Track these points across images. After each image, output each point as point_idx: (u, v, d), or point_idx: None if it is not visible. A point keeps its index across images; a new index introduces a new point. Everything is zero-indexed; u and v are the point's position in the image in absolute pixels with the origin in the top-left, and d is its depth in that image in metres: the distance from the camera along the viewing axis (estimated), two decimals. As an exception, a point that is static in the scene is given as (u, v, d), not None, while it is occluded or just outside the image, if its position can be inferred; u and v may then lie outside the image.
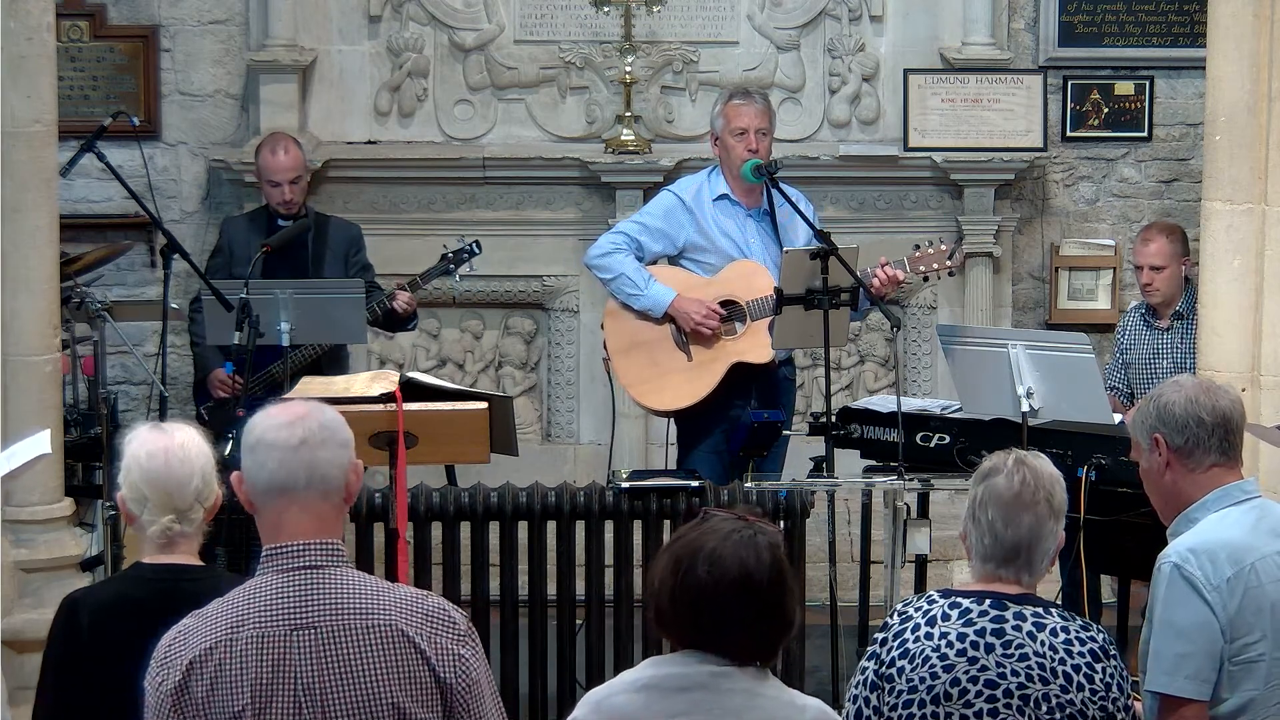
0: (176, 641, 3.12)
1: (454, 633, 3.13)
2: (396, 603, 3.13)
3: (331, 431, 3.17)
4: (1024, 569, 3.53)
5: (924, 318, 7.98)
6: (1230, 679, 3.64)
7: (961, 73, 7.87)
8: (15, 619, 5.86)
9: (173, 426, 3.66)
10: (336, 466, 3.16)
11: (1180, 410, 3.76)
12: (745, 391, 6.34)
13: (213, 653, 3.07)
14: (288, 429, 3.14)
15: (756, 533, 3.07)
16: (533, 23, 7.97)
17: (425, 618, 3.12)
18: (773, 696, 3.08)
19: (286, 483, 3.13)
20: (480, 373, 7.95)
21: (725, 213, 6.41)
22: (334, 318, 6.29)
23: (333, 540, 3.16)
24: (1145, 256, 6.86)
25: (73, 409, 6.63)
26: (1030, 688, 3.44)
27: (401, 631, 3.10)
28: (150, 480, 3.57)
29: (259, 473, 3.15)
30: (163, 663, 3.11)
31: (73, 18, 7.75)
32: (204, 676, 3.06)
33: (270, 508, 3.16)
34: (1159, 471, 3.80)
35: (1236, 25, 5.58)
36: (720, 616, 3.03)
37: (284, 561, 3.13)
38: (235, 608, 3.12)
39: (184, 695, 3.07)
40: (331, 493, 3.16)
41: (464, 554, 5.83)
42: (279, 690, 3.06)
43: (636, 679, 3.12)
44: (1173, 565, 3.66)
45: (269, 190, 6.99)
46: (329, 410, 3.21)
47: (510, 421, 5.82)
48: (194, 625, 3.13)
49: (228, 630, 3.09)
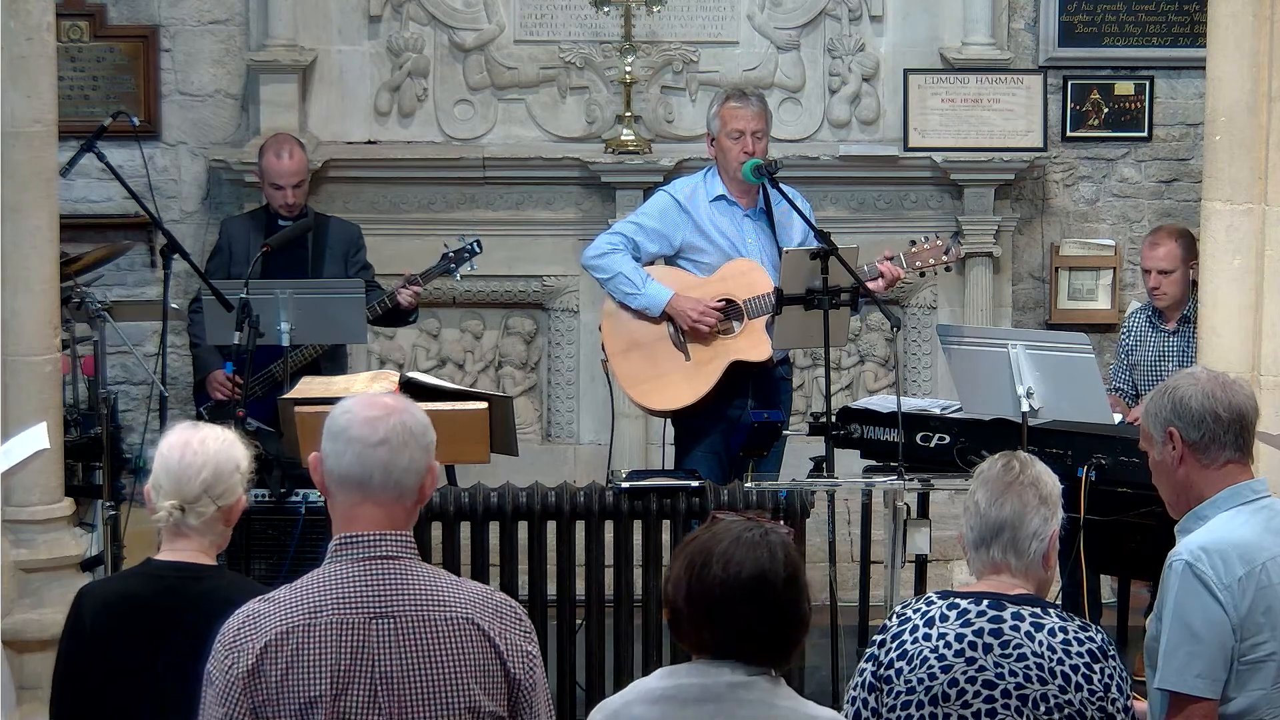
0: (247, 625, 3.10)
1: (522, 629, 3.17)
2: (470, 596, 3.15)
3: (414, 434, 3.16)
4: (1009, 549, 3.52)
5: (924, 318, 7.98)
6: (1238, 678, 3.64)
7: (961, 73, 7.87)
8: (15, 619, 5.86)
9: (210, 427, 3.69)
10: (413, 471, 3.16)
11: (1196, 405, 3.74)
12: (743, 391, 6.34)
13: (290, 636, 3.07)
14: (370, 425, 3.14)
15: (768, 533, 3.09)
16: (533, 23, 7.97)
17: (496, 613, 3.15)
18: (789, 707, 3.08)
19: (361, 478, 3.14)
20: (480, 373, 7.95)
21: (722, 213, 6.41)
22: (334, 318, 6.29)
23: (406, 533, 3.17)
24: (1153, 260, 6.81)
25: (73, 409, 6.63)
26: (1029, 688, 3.44)
27: (477, 625, 3.12)
28: (164, 466, 3.60)
29: (336, 462, 3.15)
30: (232, 646, 3.09)
31: (73, 18, 7.75)
32: (279, 660, 3.06)
33: (343, 499, 3.17)
34: (1171, 465, 3.78)
35: (1236, 25, 5.58)
36: (736, 616, 3.05)
37: (358, 551, 3.13)
38: (311, 594, 3.11)
39: (256, 678, 3.06)
40: (405, 494, 3.16)
41: (464, 554, 5.82)
42: (356, 677, 3.06)
43: (652, 689, 3.12)
44: (1185, 564, 3.66)
45: (271, 193, 6.99)
46: (417, 411, 3.21)
47: (510, 421, 5.81)
48: (265, 610, 3.11)
49: (306, 615, 3.08)
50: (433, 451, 3.20)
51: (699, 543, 3.10)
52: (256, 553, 5.51)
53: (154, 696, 3.57)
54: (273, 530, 5.57)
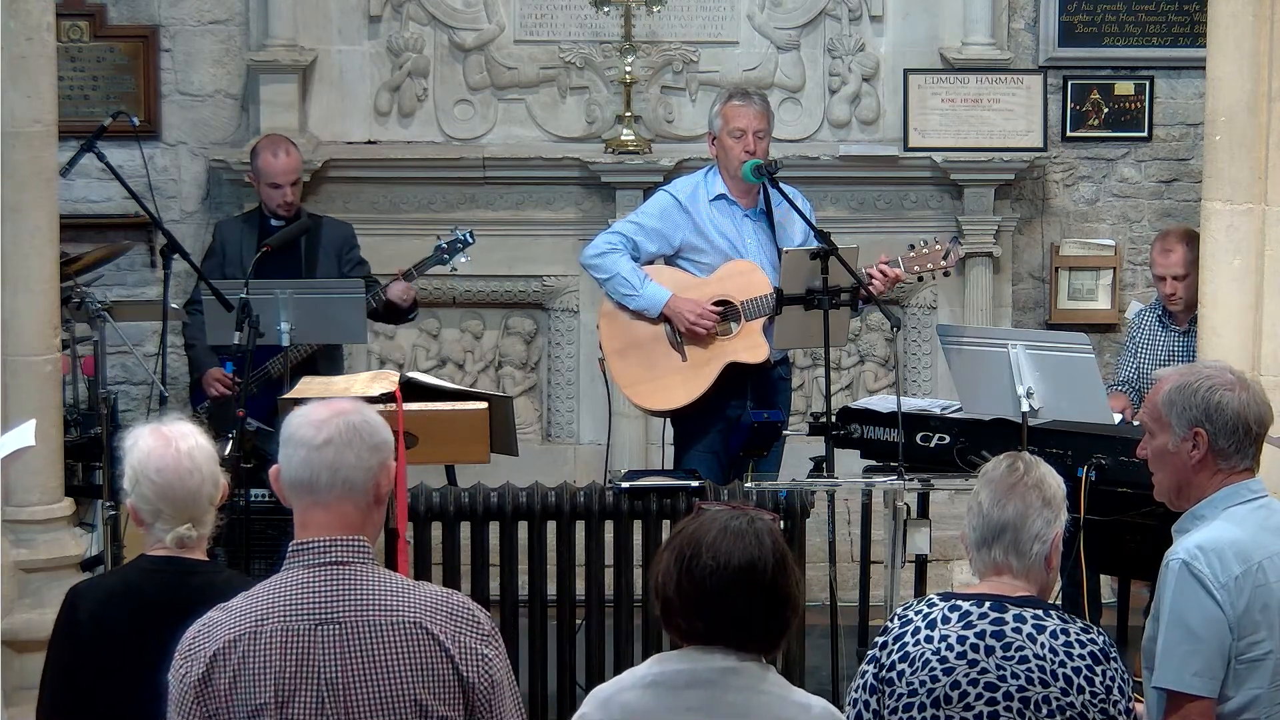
0: (201, 634, 3.13)
1: (478, 632, 3.15)
2: (421, 600, 3.14)
3: (360, 434, 3.17)
4: (1011, 551, 3.52)
5: (924, 318, 7.98)
6: (1235, 677, 3.65)
7: (961, 73, 7.87)
8: (15, 619, 5.87)
9: (173, 429, 3.68)
10: (361, 469, 3.16)
11: (1232, 414, 3.73)
12: (741, 391, 6.34)
13: (236, 645, 3.08)
14: (315, 428, 3.16)
15: (754, 520, 3.13)
16: (533, 23, 7.97)
17: (450, 616, 3.14)
18: (778, 694, 3.12)
19: (309, 480, 3.15)
20: (480, 373, 7.95)
21: (722, 213, 6.41)
22: (334, 318, 6.28)
23: (359, 538, 3.17)
24: (1167, 266, 6.79)
25: (73, 409, 6.63)
26: (1030, 690, 3.44)
27: (426, 629, 3.11)
28: (163, 495, 3.61)
29: (286, 468, 3.18)
30: (186, 655, 3.12)
31: (73, 18, 7.75)
32: (227, 669, 3.07)
33: (297, 504, 3.18)
34: (1187, 462, 3.77)
35: (1236, 25, 5.58)
36: (727, 604, 3.08)
37: (310, 557, 3.14)
38: (260, 601, 3.13)
39: (207, 687, 3.08)
40: (355, 493, 3.16)
41: (464, 554, 5.83)
42: (303, 684, 3.07)
43: (643, 676, 3.16)
44: (1181, 563, 3.67)
45: (268, 192, 6.99)
46: (367, 412, 3.22)
47: (510, 421, 5.82)
48: (219, 618, 3.13)
49: (253, 623, 3.09)
50: (385, 452, 3.20)
51: (687, 533, 3.13)
52: (256, 553, 5.51)
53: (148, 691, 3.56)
54: (273, 530, 5.57)
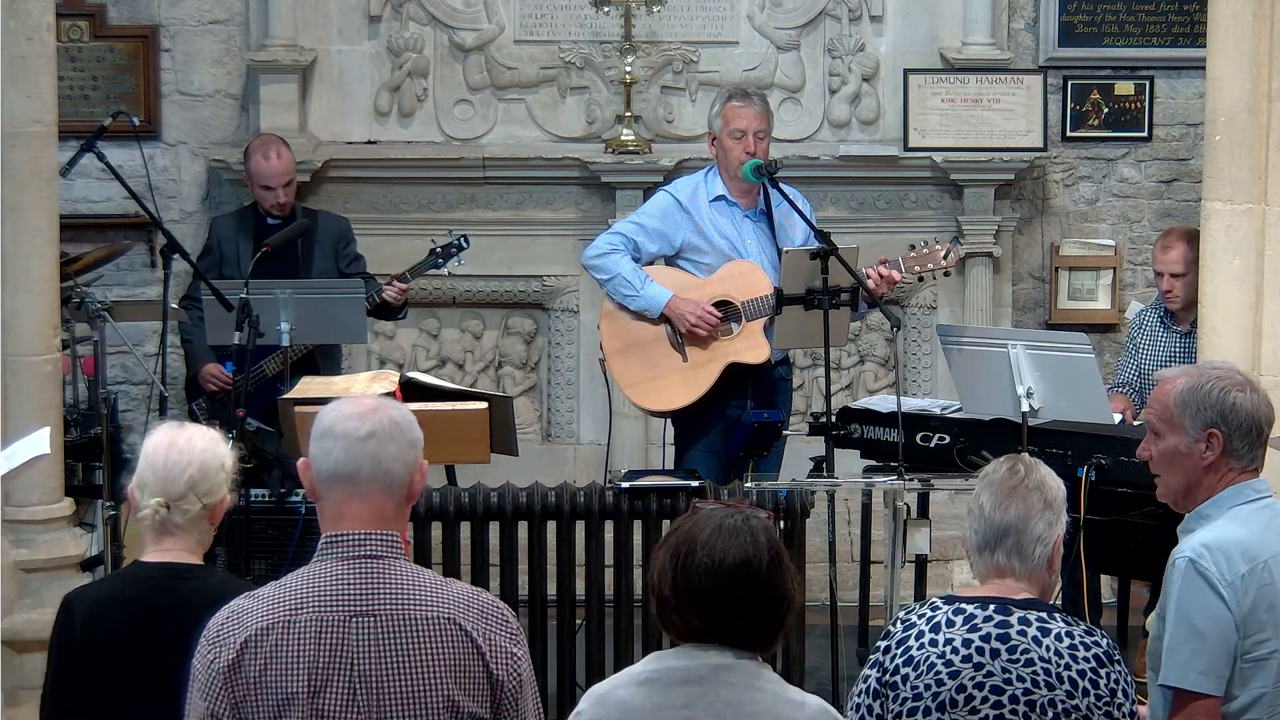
0: (230, 620, 3.13)
1: (507, 630, 3.17)
2: (454, 597, 3.16)
3: (400, 429, 3.19)
4: (1014, 554, 3.52)
5: (924, 318, 7.99)
6: (1241, 675, 3.66)
7: (961, 73, 7.87)
8: (15, 619, 5.87)
9: (194, 427, 3.71)
10: (401, 463, 3.18)
11: (1245, 414, 3.74)
12: (741, 391, 6.33)
13: (269, 633, 3.08)
14: (357, 420, 3.17)
15: (749, 518, 3.14)
16: (533, 23, 7.97)
17: (481, 614, 3.16)
18: (773, 691, 3.13)
19: (350, 473, 3.15)
20: (480, 373, 7.95)
21: (722, 213, 6.40)
22: (334, 318, 6.28)
23: (392, 532, 3.18)
24: (1166, 264, 6.78)
25: (73, 409, 6.63)
26: (1036, 693, 3.44)
27: (459, 625, 3.12)
28: (149, 464, 3.62)
29: (324, 460, 3.17)
30: (214, 641, 3.12)
31: (73, 18, 7.75)
32: (258, 656, 3.08)
33: (332, 496, 3.18)
34: (1199, 464, 3.77)
35: (1236, 25, 5.58)
36: (722, 602, 3.09)
37: (344, 549, 3.15)
38: (294, 591, 3.13)
39: (236, 674, 3.08)
40: (394, 488, 3.18)
41: (464, 554, 5.82)
42: (335, 675, 3.08)
43: (639, 673, 3.17)
44: (1188, 561, 3.67)
45: (262, 194, 7.00)
46: (403, 409, 3.24)
47: (510, 421, 5.82)
48: (248, 606, 3.13)
49: (286, 612, 3.10)
50: (420, 448, 3.22)
51: (682, 532, 3.14)
52: (256, 553, 5.51)
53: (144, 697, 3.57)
54: (273, 530, 5.57)
